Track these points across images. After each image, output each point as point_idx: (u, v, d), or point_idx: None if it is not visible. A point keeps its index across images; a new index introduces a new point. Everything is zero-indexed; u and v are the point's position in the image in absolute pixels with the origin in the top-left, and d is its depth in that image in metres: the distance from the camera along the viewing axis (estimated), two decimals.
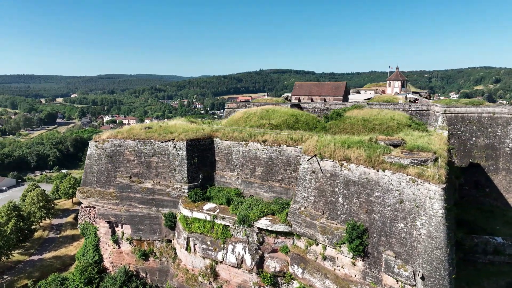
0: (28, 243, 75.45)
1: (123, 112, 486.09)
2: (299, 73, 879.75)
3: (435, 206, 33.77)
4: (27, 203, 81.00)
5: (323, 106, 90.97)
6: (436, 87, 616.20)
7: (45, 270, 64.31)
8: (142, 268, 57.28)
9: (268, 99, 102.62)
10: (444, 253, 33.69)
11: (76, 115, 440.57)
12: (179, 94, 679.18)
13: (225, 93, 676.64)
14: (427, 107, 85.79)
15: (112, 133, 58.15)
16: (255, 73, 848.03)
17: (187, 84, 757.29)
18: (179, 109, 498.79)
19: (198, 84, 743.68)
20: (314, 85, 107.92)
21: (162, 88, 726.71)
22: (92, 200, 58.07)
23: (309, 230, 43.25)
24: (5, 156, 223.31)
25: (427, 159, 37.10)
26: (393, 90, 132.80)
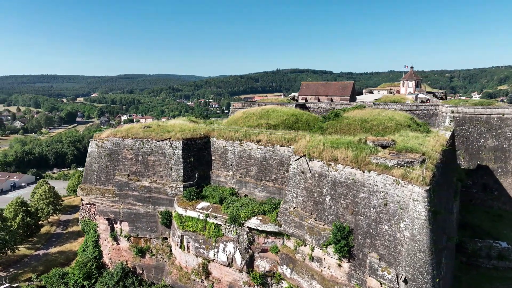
0: (35, 238, 78.03)
1: (141, 111, 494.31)
2: (316, 73, 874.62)
3: (418, 208, 33.18)
4: (35, 199, 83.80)
5: (328, 106, 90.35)
6: (458, 87, 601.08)
7: (49, 264, 66.37)
8: (139, 264, 58.37)
9: (274, 99, 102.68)
10: (427, 257, 33.06)
11: (95, 114, 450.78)
12: (196, 94, 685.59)
13: (241, 93, 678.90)
14: (435, 108, 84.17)
15: (111, 132, 59.46)
16: (271, 72, 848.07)
17: (204, 84, 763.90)
18: (195, 109, 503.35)
19: (215, 84, 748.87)
20: (321, 85, 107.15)
21: (179, 87, 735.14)
22: (92, 197, 59.55)
23: (297, 230, 43.17)
24: (25, 154, 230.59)
25: (414, 161, 36.45)
26: (406, 90, 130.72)
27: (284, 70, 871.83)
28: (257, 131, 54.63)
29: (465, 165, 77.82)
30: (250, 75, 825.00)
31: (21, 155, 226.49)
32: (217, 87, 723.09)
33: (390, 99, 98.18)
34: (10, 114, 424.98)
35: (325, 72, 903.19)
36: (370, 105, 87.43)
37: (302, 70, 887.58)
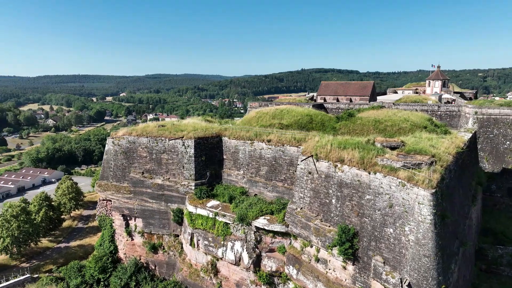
0: (58, 232, 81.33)
1: (167, 110, 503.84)
2: (342, 72, 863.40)
3: (423, 211, 32.30)
4: (58, 194, 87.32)
5: (347, 106, 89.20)
6: (492, 86, 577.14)
7: (69, 257, 69.04)
8: (152, 260, 59.71)
9: (292, 99, 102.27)
10: (433, 262, 32.12)
11: (122, 113, 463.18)
12: (220, 94, 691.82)
13: (266, 93, 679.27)
14: (458, 109, 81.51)
15: (127, 130, 61.11)
16: (296, 72, 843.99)
17: (229, 83, 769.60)
18: (219, 108, 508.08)
19: (240, 83, 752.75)
20: (340, 85, 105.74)
21: (204, 87, 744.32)
22: (108, 193, 61.44)
23: (304, 231, 42.92)
24: (56, 151, 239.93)
25: (421, 163, 35.45)
26: (432, 90, 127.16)
27: (309, 70, 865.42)
28: (268, 131, 54.65)
29: (489, 168, 74.88)
30: (274, 74, 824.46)
31: (52, 152, 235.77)
32: (241, 86, 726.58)
33: (411, 100, 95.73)
34: (44, 113, 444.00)
35: (351, 71, 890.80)
36: (390, 105, 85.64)
37: (327, 70, 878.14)
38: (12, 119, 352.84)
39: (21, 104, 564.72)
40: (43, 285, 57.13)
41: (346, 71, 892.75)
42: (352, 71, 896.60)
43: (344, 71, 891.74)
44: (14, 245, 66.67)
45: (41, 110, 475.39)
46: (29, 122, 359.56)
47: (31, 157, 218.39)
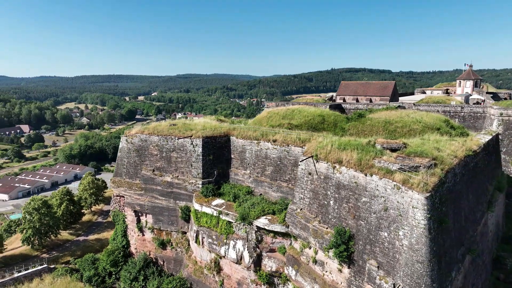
0: (78, 225, 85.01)
1: (195, 110, 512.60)
2: (373, 72, 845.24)
3: (417, 216, 31.29)
4: (80, 189, 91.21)
5: (365, 107, 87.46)
6: None
7: (86, 250, 72.08)
8: (160, 256, 61.21)
9: (309, 99, 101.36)
10: (426, 268, 31.05)
11: (153, 112, 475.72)
12: (249, 93, 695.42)
13: (294, 93, 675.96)
14: (482, 110, 78.10)
15: (140, 129, 62.94)
16: (326, 72, 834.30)
17: (257, 83, 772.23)
18: (247, 108, 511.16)
19: (268, 83, 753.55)
20: (360, 85, 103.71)
21: (233, 87, 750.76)
22: (121, 189, 63.54)
23: (303, 232, 42.63)
24: (87, 148, 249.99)
25: (419, 165, 34.27)
26: (463, 90, 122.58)
27: (339, 70, 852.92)
28: (275, 131, 54.60)
29: None
30: (304, 74, 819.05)
31: (84, 149, 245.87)
32: (270, 86, 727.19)
33: (433, 100, 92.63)
34: (79, 111, 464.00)
35: (383, 71, 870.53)
36: (410, 106, 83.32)
37: (358, 69, 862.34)
38: (49, 117, 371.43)
39: (59, 103, 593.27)
40: (58, 275, 60.03)
41: (378, 70, 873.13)
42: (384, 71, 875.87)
43: (375, 70, 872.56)
44: (36, 236, 70.41)
45: (77, 108, 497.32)
46: (65, 120, 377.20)
47: (65, 153, 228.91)
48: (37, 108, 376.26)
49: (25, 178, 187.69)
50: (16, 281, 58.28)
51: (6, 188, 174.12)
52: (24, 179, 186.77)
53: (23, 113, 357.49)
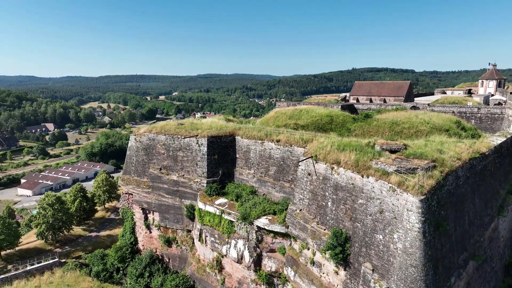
0: (91, 221, 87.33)
1: (215, 109, 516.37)
2: (396, 72, 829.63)
3: (411, 219, 30.61)
4: (94, 186, 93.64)
5: (378, 107, 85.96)
6: None
7: (97, 245, 73.98)
8: (166, 253, 62.11)
9: (321, 99, 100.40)
10: (420, 272, 30.33)
11: (173, 112, 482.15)
12: (268, 93, 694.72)
13: (314, 93, 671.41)
14: (500, 111, 75.43)
15: (148, 128, 64.10)
16: (347, 72, 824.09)
17: (277, 83, 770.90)
18: (266, 108, 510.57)
19: (288, 83, 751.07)
20: (375, 85, 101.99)
21: (253, 87, 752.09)
22: (130, 187, 64.86)
23: (302, 233, 42.40)
24: (108, 146, 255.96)
25: (417, 167, 33.48)
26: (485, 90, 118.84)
27: (361, 69, 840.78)
28: (279, 131, 54.47)
29: None
30: (324, 74, 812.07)
31: (104, 147, 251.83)
32: (289, 86, 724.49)
33: (448, 101, 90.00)
34: (102, 110, 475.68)
35: (405, 71, 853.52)
36: (424, 107, 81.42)
37: (380, 69, 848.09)
38: (73, 116, 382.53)
39: (83, 102, 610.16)
40: (68, 269, 61.90)
41: (401, 70, 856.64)
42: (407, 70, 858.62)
43: (398, 70, 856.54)
44: (49, 231, 72.78)
45: (100, 108, 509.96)
46: (88, 119, 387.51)
47: (86, 151, 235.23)
48: (61, 107, 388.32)
49: (48, 175, 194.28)
50: (28, 274, 60.57)
51: (31, 184, 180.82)
52: (47, 175, 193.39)
53: (49, 112, 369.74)
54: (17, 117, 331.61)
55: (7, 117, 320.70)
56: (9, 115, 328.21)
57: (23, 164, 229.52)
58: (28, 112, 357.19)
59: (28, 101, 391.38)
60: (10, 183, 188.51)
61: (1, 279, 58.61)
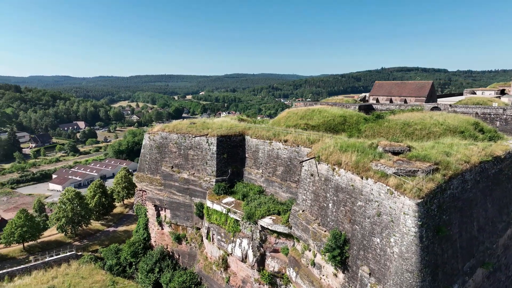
0: (110, 217, 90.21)
1: (240, 109, 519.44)
2: (427, 71, 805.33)
3: (408, 223, 29.77)
4: (114, 182, 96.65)
5: (397, 108, 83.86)
6: None
7: (114, 240, 76.37)
8: (176, 250, 63.23)
9: (339, 99, 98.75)
10: (416, 278, 29.45)
11: (199, 111, 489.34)
12: (294, 93, 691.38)
13: (341, 92, 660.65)
14: None
15: (161, 127, 65.46)
16: (375, 71, 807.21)
17: (303, 83, 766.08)
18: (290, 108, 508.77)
19: (314, 83, 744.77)
20: (395, 85, 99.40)
21: (279, 87, 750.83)
22: (143, 184, 66.51)
23: (304, 234, 42.10)
24: (135, 144, 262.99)
25: (417, 170, 32.47)
26: None
27: (390, 69, 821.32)
28: (287, 131, 54.24)
29: None
30: (352, 74, 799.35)
31: (131, 145, 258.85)
32: (316, 86, 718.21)
33: (472, 101, 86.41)
34: (130, 109, 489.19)
35: (438, 70, 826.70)
36: (446, 107, 78.74)
37: (410, 69, 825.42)
38: (103, 115, 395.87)
39: (114, 101, 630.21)
40: (84, 262, 64.31)
41: (432, 69, 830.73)
42: (439, 70, 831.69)
43: (429, 69, 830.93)
44: (69, 225, 75.85)
45: (129, 106, 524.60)
46: (117, 118, 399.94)
47: (114, 149, 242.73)
48: (92, 106, 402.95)
49: (77, 171, 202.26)
50: (46, 265, 63.46)
51: (61, 180, 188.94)
52: (77, 171, 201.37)
53: (80, 110, 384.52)
54: (51, 115, 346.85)
55: (42, 115, 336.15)
56: (43, 113, 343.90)
57: (55, 160, 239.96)
58: (62, 111, 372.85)
59: (62, 100, 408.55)
60: (43, 178, 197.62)
61: (22, 269, 61.83)
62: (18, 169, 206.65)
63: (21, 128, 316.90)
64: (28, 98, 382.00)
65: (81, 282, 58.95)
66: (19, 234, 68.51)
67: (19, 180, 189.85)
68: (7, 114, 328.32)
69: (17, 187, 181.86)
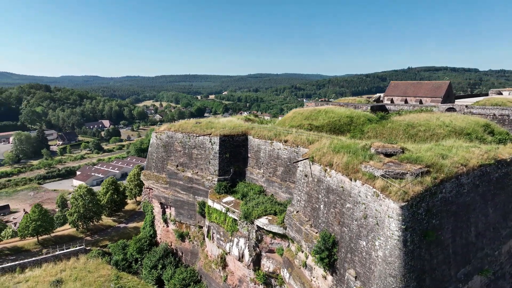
0: (122, 213, 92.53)
1: (262, 109, 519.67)
2: (457, 71, 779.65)
3: (392, 226, 29.10)
4: (127, 180, 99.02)
5: (411, 108, 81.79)
6: None
7: (123, 236, 78.28)
8: (180, 247, 64.14)
9: (351, 99, 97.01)
10: (399, 283, 28.75)
11: (220, 110, 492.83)
12: (317, 93, 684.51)
13: (365, 92, 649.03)
14: None
15: (167, 126, 66.57)
16: (402, 71, 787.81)
17: (327, 83, 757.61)
18: None
19: (338, 83, 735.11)
20: (411, 85, 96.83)
21: (302, 86, 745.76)
22: (150, 182, 67.84)
23: (297, 235, 41.83)
24: None
25: (406, 172, 31.60)
26: None
27: (417, 68, 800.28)
28: (288, 131, 53.98)
29: None
30: (377, 74, 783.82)
31: None
32: (339, 86, 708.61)
33: (491, 102, 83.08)
34: (154, 108, 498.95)
35: (468, 70, 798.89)
36: (462, 108, 76.20)
37: (438, 68, 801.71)
38: (127, 114, 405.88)
39: (139, 100, 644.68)
40: (92, 256, 66.29)
41: (462, 69, 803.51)
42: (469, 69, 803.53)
43: (459, 69, 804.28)
44: (81, 220, 78.39)
45: (153, 106, 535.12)
46: (140, 117, 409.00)
47: (136, 147, 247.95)
48: (117, 105, 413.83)
49: (100, 168, 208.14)
50: (56, 258, 65.89)
51: (84, 177, 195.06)
52: (99, 169, 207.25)
53: (106, 109, 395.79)
54: (78, 114, 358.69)
55: (69, 114, 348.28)
56: (71, 112, 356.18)
57: (80, 158, 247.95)
58: (88, 110, 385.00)
59: (89, 99, 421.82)
60: (68, 175, 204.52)
61: (33, 261, 64.50)
62: (45, 166, 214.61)
63: (49, 126, 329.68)
64: (57, 97, 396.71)
65: (87, 276, 60.85)
66: (33, 227, 71.49)
67: (45, 176, 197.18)
68: (37, 113, 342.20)
69: (43, 183, 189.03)
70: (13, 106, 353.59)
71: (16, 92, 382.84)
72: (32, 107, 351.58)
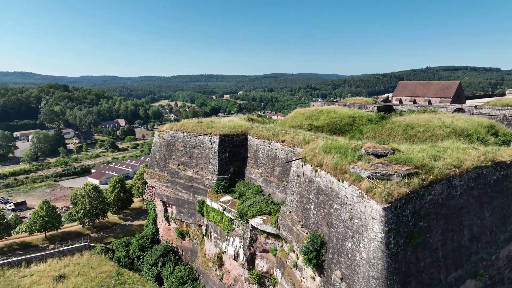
0: (128, 211, 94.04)
1: (276, 109, 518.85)
2: (477, 70, 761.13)
3: (375, 228, 28.76)
4: (134, 178, 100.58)
5: (419, 108, 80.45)
6: None
7: (128, 233, 79.61)
8: (180, 245, 64.80)
9: (358, 99, 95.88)
10: (382, 285, 28.41)
11: (234, 110, 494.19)
12: (333, 93, 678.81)
13: (382, 92, 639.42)
14: None
15: (170, 125, 67.33)
16: (420, 71, 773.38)
17: (342, 83, 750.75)
18: None
19: (354, 83, 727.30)
20: (420, 85, 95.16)
21: (317, 86, 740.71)
22: (152, 181, 68.77)
23: (289, 235, 41.74)
24: None
25: (393, 173, 31.11)
26: None
27: (435, 68, 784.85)
28: (286, 131, 53.85)
29: None
30: (394, 73, 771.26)
31: None
32: (355, 86, 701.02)
33: (502, 103, 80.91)
34: (169, 108, 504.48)
35: (489, 69, 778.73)
36: (471, 109, 74.58)
37: (458, 68, 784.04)
38: (142, 113, 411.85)
39: (155, 100, 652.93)
40: (95, 253, 67.65)
41: (483, 69, 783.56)
42: (490, 69, 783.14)
43: (480, 68, 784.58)
44: (87, 217, 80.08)
45: (168, 105, 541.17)
46: (155, 116, 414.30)
47: (149, 146, 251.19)
48: (133, 104, 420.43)
49: (114, 167, 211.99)
50: (61, 254, 67.59)
51: (98, 175, 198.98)
52: (113, 167, 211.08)
53: (121, 109, 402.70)
54: (94, 113, 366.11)
55: (86, 113, 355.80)
56: (88, 111, 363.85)
57: (95, 156, 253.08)
58: (104, 109, 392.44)
59: (105, 99, 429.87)
60: (83, 173, 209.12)
61: (38, 256, 66.33)
62: (62, 163, 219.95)
63: (67, 125, 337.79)
64: (75, 97, 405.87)
65: (89, 272, 62.19)
66: (41, 223, 73.47)
67: (62, 174, 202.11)
68: (55, 112, 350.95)
69: (59, 180, 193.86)
70: (33, 105, 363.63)
71: (36, 92, 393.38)
72: (51, 106, 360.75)
